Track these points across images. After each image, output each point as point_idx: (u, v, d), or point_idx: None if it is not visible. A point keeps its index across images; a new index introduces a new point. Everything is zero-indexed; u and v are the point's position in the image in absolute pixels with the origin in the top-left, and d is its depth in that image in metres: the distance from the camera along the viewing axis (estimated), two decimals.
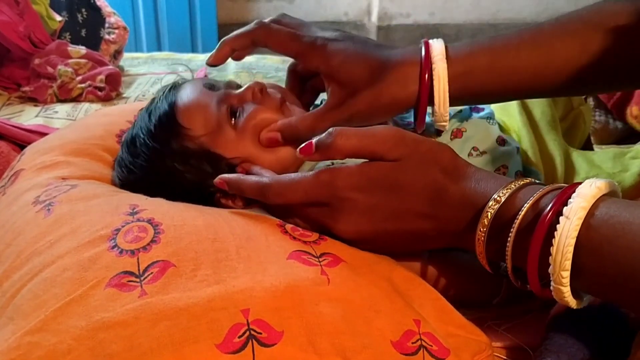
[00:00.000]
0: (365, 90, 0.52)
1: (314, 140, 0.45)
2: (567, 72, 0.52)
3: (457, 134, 0.59)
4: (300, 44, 0.53)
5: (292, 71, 0.62)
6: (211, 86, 0.58)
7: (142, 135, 0.55)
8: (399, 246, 0.47)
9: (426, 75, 0.51)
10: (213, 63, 0.56)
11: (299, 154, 0.46)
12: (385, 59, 0.53)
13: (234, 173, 0.52)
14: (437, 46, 0.52)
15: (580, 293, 0.38)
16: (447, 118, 0.53)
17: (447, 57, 0.51)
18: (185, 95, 0.56)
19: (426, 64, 0.52)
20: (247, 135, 0.54)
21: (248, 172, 0.53)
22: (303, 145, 0.46)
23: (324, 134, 0.45)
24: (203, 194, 0.53)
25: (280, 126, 0.54)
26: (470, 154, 0.58)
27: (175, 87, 0.59)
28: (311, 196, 0.45)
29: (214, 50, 0.56)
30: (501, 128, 0.62)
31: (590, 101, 0.90)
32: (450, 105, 0.53)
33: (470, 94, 0.54)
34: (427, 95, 0.52)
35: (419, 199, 0.43)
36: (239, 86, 0.58)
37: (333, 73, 0.53)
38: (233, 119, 0.55)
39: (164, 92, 0.58)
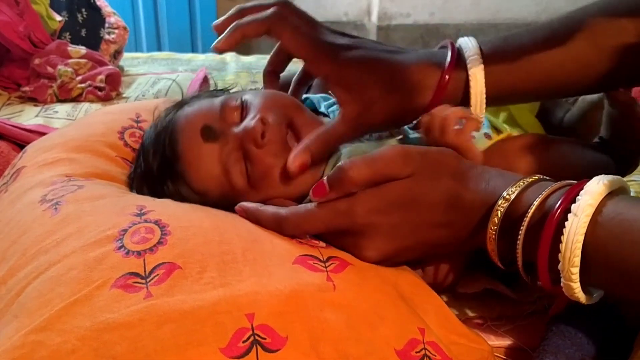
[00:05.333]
0: (380, 102, 0.51)
1: (325, 180, 0.44)
2: (580, 73, 0.52)
3: None
4: (314, 49, 0.51)
5: (271, 72, 0.60)
6: (209, 131, 0.53)
7: (150, 170, 0.56)
8: (417, 256, 0.48)
9: (446, 77, 0.51)
10: (222, 48, 0.52)
11: (313, 197, 0.45)
12: (399, 67, 0.52)
13: None
14: (471, 46, 0.52)
15: (590, 289, 0.39)
16: (483, 119, 0.54)
17: (483, 57, 0.51)
18: (188, 158, 0.53)
19: (450, 67, 0.51)
20: (262, 187, 0.53)
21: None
22: (315, 187, 0.44)
23: (333, 171, 0.44)
24: None
25: (306, 150, 0.51)
26: None
27: (172, 122, 0.56)
28: (331, 226, 0.44)
29: (225, 34, 0.51)
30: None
31: None
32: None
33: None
34: (439, 100, 0.52)
35: (435, 209, 0.43)
36: (242, 113, 0.55)
37: (346, 84, 0.51)
38: (245, 173, 0.53)
39: (167, 114, 0.58)
